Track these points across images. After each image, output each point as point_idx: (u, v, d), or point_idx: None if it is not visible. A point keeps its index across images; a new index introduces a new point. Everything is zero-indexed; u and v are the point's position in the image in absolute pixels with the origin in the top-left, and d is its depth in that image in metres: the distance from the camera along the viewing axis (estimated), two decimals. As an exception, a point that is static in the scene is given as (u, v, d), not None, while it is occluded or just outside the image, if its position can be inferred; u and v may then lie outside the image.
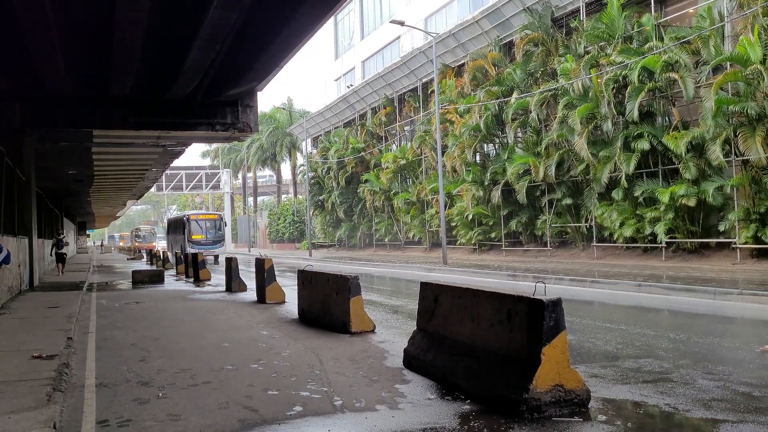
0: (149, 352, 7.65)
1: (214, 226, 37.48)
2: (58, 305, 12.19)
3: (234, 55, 13.04)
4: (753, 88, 16.87)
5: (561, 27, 25.06)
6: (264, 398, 5.38)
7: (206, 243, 35.97)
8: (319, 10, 11.35)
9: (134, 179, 32.96)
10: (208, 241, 36.43)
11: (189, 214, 38.01)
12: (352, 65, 52.03)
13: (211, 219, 38.05)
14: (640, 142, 19.64)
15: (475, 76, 28.54)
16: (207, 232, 36.76)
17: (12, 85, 14.60)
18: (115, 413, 5.06)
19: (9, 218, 14.64)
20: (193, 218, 37.23)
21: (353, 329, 8.35)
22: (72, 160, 23.02)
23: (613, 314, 10.87)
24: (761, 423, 4.49)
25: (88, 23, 11.55)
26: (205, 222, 37.28)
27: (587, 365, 6.41)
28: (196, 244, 35.16)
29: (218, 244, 37.23)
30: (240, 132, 17.60)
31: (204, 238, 36.30)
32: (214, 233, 37.26)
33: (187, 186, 63.35)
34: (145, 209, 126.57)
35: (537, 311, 4.65)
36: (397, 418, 4.74)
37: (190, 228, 36.38)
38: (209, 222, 37.50)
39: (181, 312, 11.75)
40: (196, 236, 36.20)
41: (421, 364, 6.08)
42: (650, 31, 20.14)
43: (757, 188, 17.41)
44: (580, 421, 4.56)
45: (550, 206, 24.98)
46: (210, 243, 36.37)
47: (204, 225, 36.97)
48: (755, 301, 11.08)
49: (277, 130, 58.79)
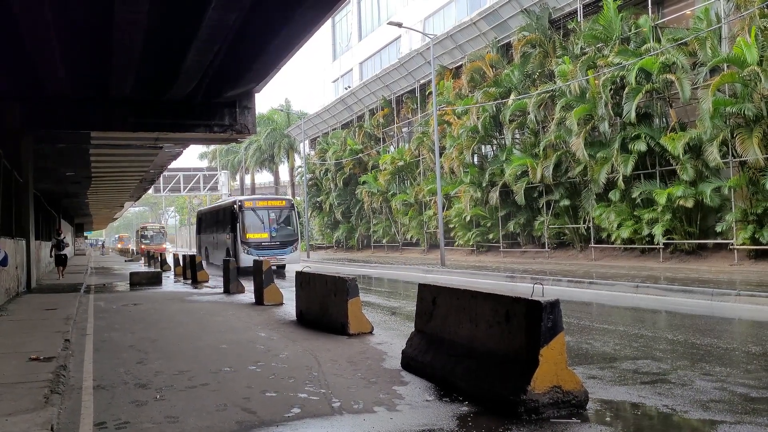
0: (147, 354, 7.64)
1: (281, 217, 25.14)
2: (55, 307, 12.16)
3: (232, 57, 13.05)
4: (750, 90, 16.91)
5: (558, 28, 25.10)
6: (262, 400, 5.38)
7: (270, 245, 23.99)
8: (316, 12, 11.36)
9: (132, 181, 32.92)
10: (274, 242, 24.23)
11: (242, 200, 25.15)
12: (350, 67, 52.04)
13: (277, 207, 25.26)
14: (637, 143, 19.68)
15: (472, 77, 28.57)
16: (271, 227, 24.46)
17: (11, 86, 14.58)
18: (112, 415, 5.05)
19: (6, 220, 14.61)
20: (248, 206, 24.55)
21: (351, 331, 8.35)
22: (70, 161, 22.99)
23: (611, 315, 10.88)
24: (759, 424, 4.50)
25: (88, 24, 11.54)
26: (268, 212, 24.65)
27: (585, 366, 6.42)
28: (255, 246, 23.52)
29: (288, 247, 24.61)
30: (238, 133, 17.60)
31: (267, 238, 24.16)
32: (283, 229, 25.05)
33: (185, 188, 63.11)
34: (143, 211, 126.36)
35: (535, 312, 4.65)
36: (396, 420, 4.74)
37: (243, 222, 24.01)
38: (274, 211, 24.87)
39: (179, 314, 11.74)
40: (254, 234, 24.01)
41: (419, 366, 6.08)
42: (647, 32, 20.18)
43: (755, 189, 17.44)
44: (578, 422, 4.56)
45: (547, 207, 25.00)
46: (276, 244, 24.21)
47: (266, 216, 24.50)
48: (752, 302, 11.10)
49: (275, 132, 58.75)
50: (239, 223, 23.94)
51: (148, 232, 61.56)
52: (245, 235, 23.79)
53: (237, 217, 24.17)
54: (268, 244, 23.99)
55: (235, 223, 24.24)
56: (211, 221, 30.73)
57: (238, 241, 23.83)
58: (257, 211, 24.53)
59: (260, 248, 23.37)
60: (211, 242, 29.90)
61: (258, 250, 23.17)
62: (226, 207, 26.72)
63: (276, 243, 24.20)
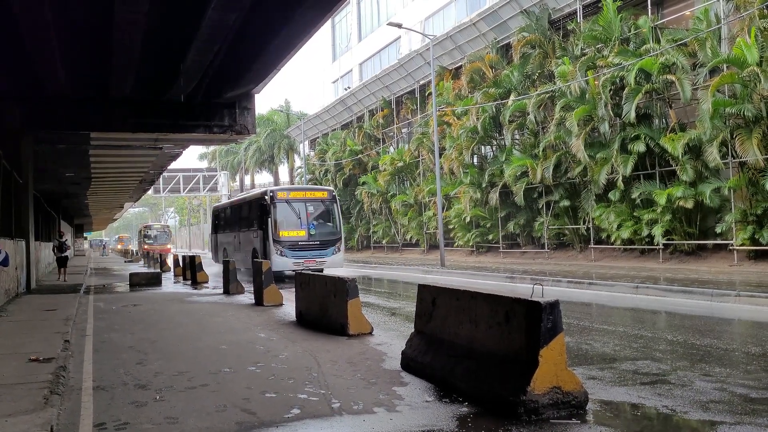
0: (147, 355, 7.63)
1: (321, 212, 20.99)
2: (55, 308, 12.16)
3: (232, 57, 13.06)
4: (750, 90, 16.91)
5: (558, 29, 25.11)
6: (262, 401, 5.37)
7: (308, 245, 19.92)
8: (316, 12, 11.37)
9: (132, 182, 32.92)
10: (313, 241, 20.04)
11: (274, 191, 20.63)
12: (350, 67, 52.05)
13: (317, 199, 21.02)
14: (637, 143, 19.68)
15: (472, 78, 28.57)
16: (309, 223, 20.16)
17: (11, 86, 14.59)
18: (112, 416, 5.04)
19: (6, 221, 14.61)
20: (281, 197, 20.17)
21: (351, 331, 8.34)
22: (69, 162, 23.00)
23: (611, 316, 10.88)
24: (759, 425, 4.50)
25: (88, 24, 11.56)
26: (305, 205, 20.43)
27: (585, 367, 6.41)
28: (290, 247, 19.60)
29: (330, 247, 20.35)
30: (237, 134, 17.63)
31: (305, 237, 19.91)
32: (323, 226, 20.79)
33: (184, 188, 63.09)
34: (142, 211, 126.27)
35: (535, 313, 4.65)
36: (395, 421, 4.73)
37: (275, 217, 19.72)
38: (313, 204, 20.71)
39: (178, 314, 11.73)
40: (289, 232, 19.83)
41: (419, 367, 6.07)
42: (647, 33, 20.18)
43: (754, 190, 17.44)
44: (578, 423, 4.56)
45: (547, 208, 25.00)
46: (315, 244, 20.07)
47: (303, 210, 20.25)
48: (752, 302, 11.09)
49: (274, 133, 58.77)
50: (271, 219, 19.64)
51: (152, 232, 56.84)
52: (278, 233, 19.50)
53: (268, 211, 19.77)
54: (306, 243, 19.78)
55: (266, 219, 19.91)
56: (231, 218, 25.91)
57: (269, 240, 19.59)
58: (293, 203, 20.17)
59: (296, 249, 19.59)
60: (231, 242, 24.90)
61: (293, 251, 19.48)
62: (254, 200, 22.10)
63: (315, 242, 19.99)
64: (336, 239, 20.65)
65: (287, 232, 19.79)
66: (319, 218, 20.76)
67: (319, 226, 20.47)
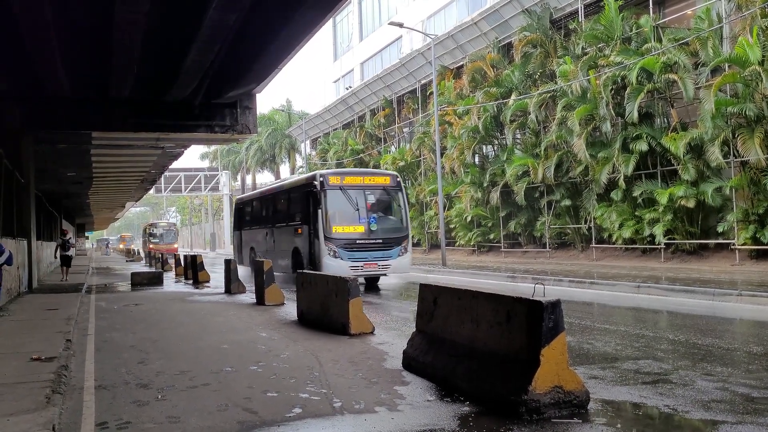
0: (148, 354, 7.64)
1: (384, 202, 17.13)
2: (57, 307, 12.18)
3: (233, 57, 13.06)
4: (752, 90, 16.89)
5: (560, 28, 25.09)
6: (263, 400, 5.37)
7: (368, 243, 16.08)
8: (317, 12, 11.37)
9: (133, 181, 32.93)
10: (374, 240, 16.17)
11: (325, 175, 16.52)
12: (351, 67, 52.05)
13: (378, 186, 17.03)
14: (638, 143, 19.66)
15: (473, 77, 28.56)
16: (369, 217, 16.28)
17: (12, 86, 14.60)
18: (114, 415, 5.05)
19: (8, 220, 14.62)
20: (334, 182, 16.26)
21: (352, 331, 8.35)
22: (71, 161, 23.02)
23: (612, 315, 10.87)
24: (760, 424, 4.49)
25: (88, 24, 11.56)
26: (365, 193, 16.53)
27: (586, 366, 6.41)
28: (346, 246, 15.82)
29: (395, 247, 16.41)
30: (239, 134, 17.62)
31: (364, 233, 16.10)
32: (386, 220, 16.98)
33: (186, 188, 63.16)
34: (144, 211, 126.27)
35: (536, 313, 4.65)
36: (397, 420, 4.73)
37: (326, 208, 15.96)
38: (374, 193, 16.85)
39: (180, 314, 11.74)
40: (344, 227, 16.04)
41: (420, 366, 6.07)
42: (649, 32, 20.16)
43: (756, 189, 17.41)
44: (580, 422, 4.55)
45: (549, 207, 24.99)
46: (377, 243, 16.20)
47: (361, 200, 16.35)
48: (754, 302, 11.08)
49: (276, 132, 58.80)
50: (321, 210, 15.72)
51: (157, 230, 52.72)
52: (331, 229, 15.64)
53: (318, 201, 15.80)
54: (366, 242, 15.92)
55: (313, 210, 16.01)
56: (262, 211, 21.92)
57: (318, 237, 15.68)
58: (348, 191, 16.07)
59: (353, 249, 15.70)
60: (261, 241, 20.95)
61: (350, 251, 15.62)
62: (296, 187, 18.12)
63: (376, 241, 16.06)
64: (402, 237, 16.63)
65: (342, 227, 15.88)
66: (382, 210, 16.79)
67: (381, 220, 16.46)
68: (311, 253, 16.20)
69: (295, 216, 17.78)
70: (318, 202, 15.87)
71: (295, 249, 17.36)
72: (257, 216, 22.56)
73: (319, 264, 15.59)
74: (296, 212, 17.78)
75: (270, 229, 20.25)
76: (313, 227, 16.12)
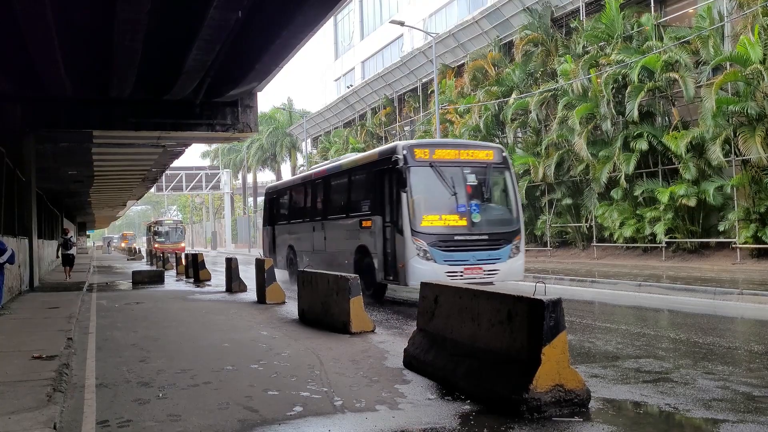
0: (149, 353, 7.65)
1: (487, 183, 12.46)
2: (58, 306, 12.19)
3: (234, 56, 13.05)
4: (753, 88, 16.88)
5: (561, 27, 25.08)
6: (264, 398, 5.38)
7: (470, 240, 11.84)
8: (318, 10, 11.35)
9: (134, 180, 32.95)
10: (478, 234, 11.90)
11: (410, 147, 12.07)
12: (352, 65, 52.05)
13: (479, 163, 12.45)
14: (639, 142, 19.65)
15: (474, 76, 28.56)
16: (471, 204, 11.90)
17: (13, 86, 14.61)
18: (115, 414, 5.05)
19: (9, 219, 14.64)
20: (421, 157, 11.95)
21: (353, 329, 8.35)
22: (72, 160, 23.03)
23: (614, 314, 10.87)
24: (761, 423, 4.49)
25: (89, 24, 11.56)
26: (462, 172, 12.15)
27: (587, 365, 6.41)
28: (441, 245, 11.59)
29: (504, 246, 12.07)
30: (240, 132, 17.62)
31: (465, 227, 11.82)
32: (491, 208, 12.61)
33: (187, 186, 63.20)
34: (145, 210, 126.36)
35: (537, 311, 4.65)
36: (398, 419, 4.74)
37: (412, 191, 11.66)
38: (473, 172, 12.31)
39: (181, 312, 11.75)
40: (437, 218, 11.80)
41: (421, 365, 6.08)
42: (650, 31, 20.15)
43: (757, 188, 17.41)
44: (581, 421, 4.56)
45: (550, 206, 24.98)
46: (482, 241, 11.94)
47: (458, 180, 12.00)
48: (755, 301, 11.08)
49: (277, 131, 58.82)
50: (405, 195, 11.58)
51: (163, 228, 49.37)
52: (419, 220, 11.55)
53: (401, 181, 11.71)
54: (466, 238, 11.79)
55: (395, 195, 11.88)
56: (307, 200, 17.44)
57: (403, 232, 11.55)
58: (441, 169, 11.92)
59: (451, 247, 11.62)
60: (305, 238, 16.60)
61: (447, 251, 11.56)
62: (365, 164, 13.75)
63: (480, 237, 11.89)
64: (513, 231, 12.28)
65: (435, 218, 11.65)
66: (486, 195, 12.39)
67: (485, 209, 12.13)
68: (389, 252, 12.01)
69: (361, 204, 13.53)
70: (402, 184, 11.58)
71: (359, 248, 13.20)
72: (299, 207, 18.26)
73: (402, 268, 11.46)
74: (363, 199, 13.58)
75: (318, 223, 15.81)
76: (392, 218, 11.91)
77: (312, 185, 17.04)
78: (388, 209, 12.14)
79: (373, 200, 12.89)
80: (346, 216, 14.16)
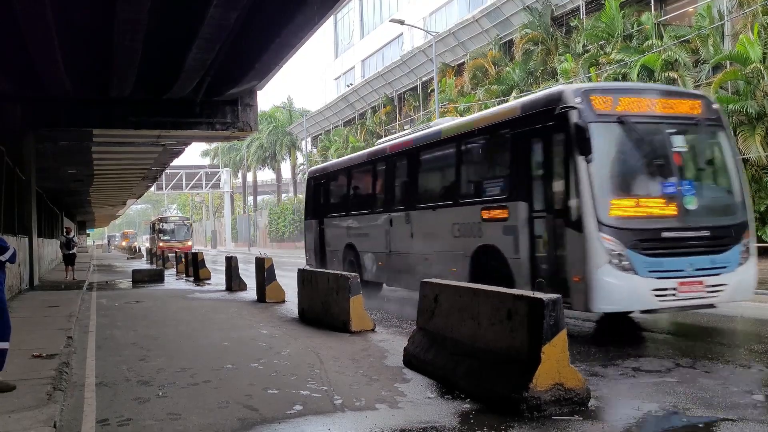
0: (149, 351, 7.65)
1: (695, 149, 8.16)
2: (58, 304, 12.18)
3: (234, 55, 13.05)
4: (753, 87, 16.87)
5: (561, 26, 25.08)
6: (264, 397, 5.38)
7: (686, 238, 7.34)
8: (318, 9, 11.34)
9: (134, 178, 32.94)
10: (695, 231, 7.42)
11: (586, 92, 7.36)
12: (352, 64, 52.02)
13: (684, 118, 7.82)
14: (640, 141, 19.61)
15: (474, 75, 28.56)
16: (680, 179, 7.44)
17: (13, 86, 14.59)
18: (115, 412, 5.06)
19: (9, 217, 14.64)
20: (603, 108, 7.33)
21: (353, 328, 8.35)
22: (72, 159, 23.02)
23: (613, 313, 10.85)
24: (762, 422, 4.50)
25: (89, 24, 11.55)
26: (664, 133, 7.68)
27: (587, 364, 6.41)
28: (643, 243, 7.09)
29: (731, 246, 7.53)
30: (240, 131, 17.61)
31: (676, 217, 7.36)
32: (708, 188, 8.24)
33: (187, 185, 63.18)
34: (145, 208, 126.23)
35: (537, 310, 4.65)
36: (398, 417, 4.74)
37: (594, 161, 7.04)
38: (678, 131, 7.77)
39: (181, 311, 11.75)
40: (635, 204, 7.29)
41: (421, 363, 6.08)
42: (650, 29, 20.15)
43: (757, 187, 17.39)
44: (580, 419, 4.56)
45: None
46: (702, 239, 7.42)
47: (659, 145, 7.64)
48: (755, 300, 11.05)
49: (277, 129, 58.79)
50: (586, 167, 7.13)
51: (168, 226, 46.42)
52: (606, 208, 7.14)
53: (581, 144, 7.15)
54: (679, 235, 7.42)
55: (568, 167, 7.38)
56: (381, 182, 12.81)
57: (583, 226, 7.10)
58: (636, 127, 7.61)
59: (658, 250, 7.22)
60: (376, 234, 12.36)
61: (653, 255, 7.16)
62: (498, 122, 9.03)
63: (699, 234, 7.53)
64: (740, 225, 7.96)
65: (629, 204, 7.43)
66: (699, 167, 8.38)
67: (702, 191, 8.00)
68: (545, 258, 7.82)
69: (483, 185, 9.43)
70: (580, 150, 7.19)
71: (482, 250, 8.95)
72: (364, 193, 13.76)
73: (581, 282, 7.16)
74: (487, 178, 9.43)
75: (399, 215, 11.51)
76: (553, 204, 7.76)
77: (387, 163, 12.36)
78: (542, 191, 7.90)
79: (510, 179, 8.54)
80: (454, 203, 9.85)
